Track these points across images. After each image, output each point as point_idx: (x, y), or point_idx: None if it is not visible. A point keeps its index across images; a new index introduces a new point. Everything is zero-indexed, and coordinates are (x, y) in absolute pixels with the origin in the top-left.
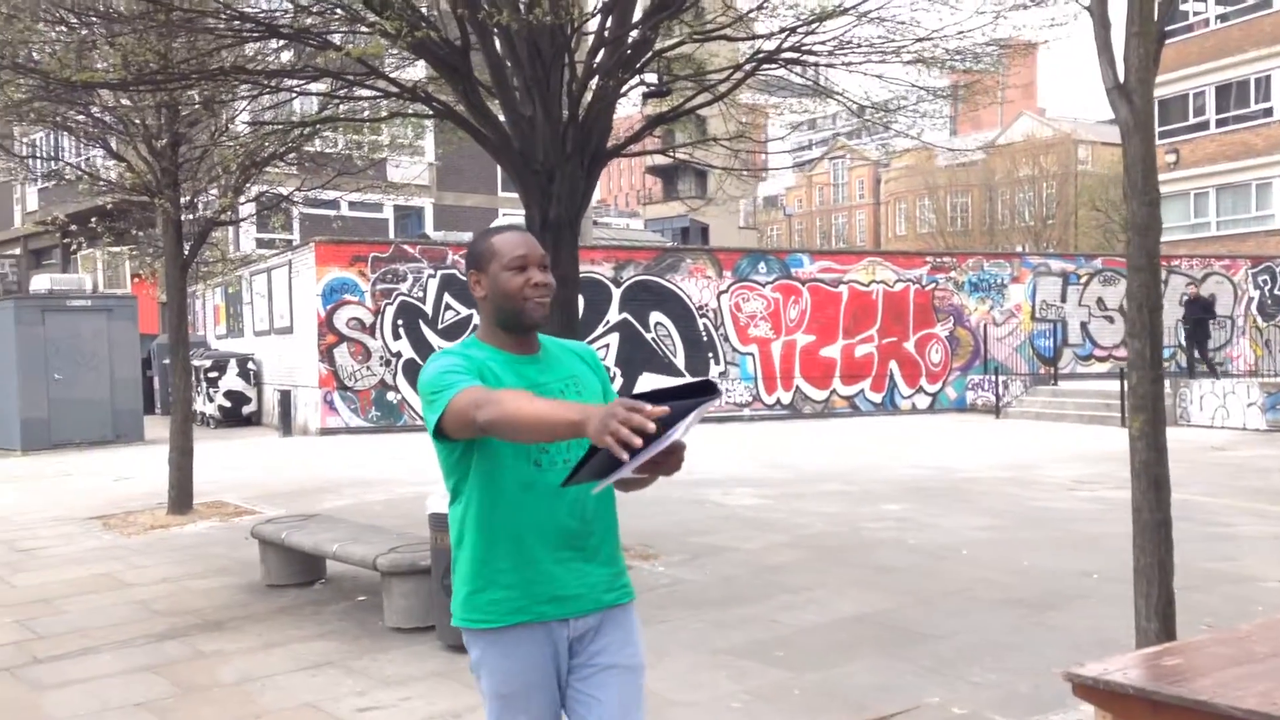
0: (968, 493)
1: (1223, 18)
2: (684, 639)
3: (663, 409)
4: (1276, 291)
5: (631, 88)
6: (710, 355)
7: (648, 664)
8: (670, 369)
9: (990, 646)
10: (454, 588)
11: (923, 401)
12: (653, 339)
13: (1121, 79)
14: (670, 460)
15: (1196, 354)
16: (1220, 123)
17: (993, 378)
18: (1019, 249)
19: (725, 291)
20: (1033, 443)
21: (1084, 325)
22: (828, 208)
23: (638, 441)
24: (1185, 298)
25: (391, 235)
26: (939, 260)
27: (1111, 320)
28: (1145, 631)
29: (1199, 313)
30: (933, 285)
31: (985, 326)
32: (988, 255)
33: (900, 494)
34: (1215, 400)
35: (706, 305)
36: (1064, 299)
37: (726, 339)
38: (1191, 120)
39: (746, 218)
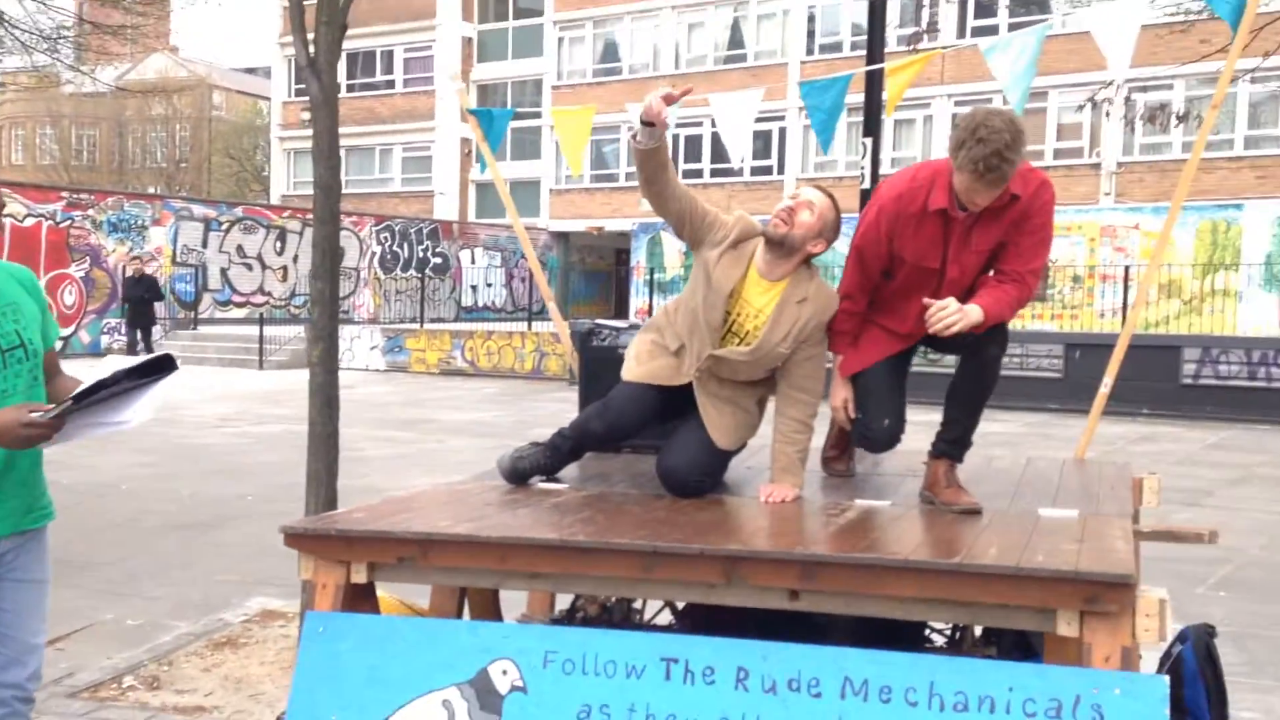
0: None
1: None
2: None
3: (53, 420)
4: (395, 248)
5: None
6: None
7: None
8: None
9: (160, 566)
10: None
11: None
12: None
13: (312, 57)
14: None
15: (139, 338)
16: (350, 88)
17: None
18: (151, 190)
19: None
20: (177, 384)
21: (224, 271)
22: None
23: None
24: (129, 275)
25: None
26: (76, 197)
27: (250, 268)
28: None
29: (141, 292)
30: (68, 222)
31: (124, 268)
32: (129, 195)
33: None
34: (343, 344)
35: None
36: (205, 245)
37: None
38: None
39: None
